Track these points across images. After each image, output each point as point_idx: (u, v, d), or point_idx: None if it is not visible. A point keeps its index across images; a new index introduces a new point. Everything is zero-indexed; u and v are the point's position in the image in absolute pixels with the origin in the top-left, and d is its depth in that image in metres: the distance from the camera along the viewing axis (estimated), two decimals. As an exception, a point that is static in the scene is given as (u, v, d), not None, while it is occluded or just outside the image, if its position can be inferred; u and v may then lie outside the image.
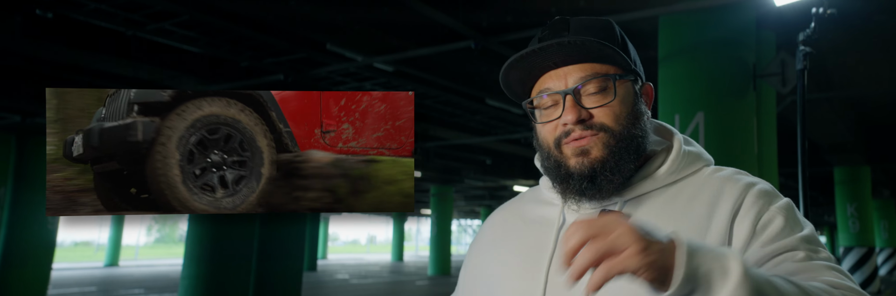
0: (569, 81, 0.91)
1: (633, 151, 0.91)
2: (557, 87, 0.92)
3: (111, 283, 16.03)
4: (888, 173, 14.78)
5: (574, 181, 0.91)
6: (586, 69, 0.91)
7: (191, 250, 7.80)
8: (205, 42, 5.89)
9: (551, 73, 0.93)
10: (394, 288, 15.32)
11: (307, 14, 5.31)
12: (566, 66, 0.92)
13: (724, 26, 4.58)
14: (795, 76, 2.67)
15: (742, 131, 4.49)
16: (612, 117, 0.90)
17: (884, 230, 15.90)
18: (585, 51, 0.90)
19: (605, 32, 0.95)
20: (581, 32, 0.93)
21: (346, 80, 7.20)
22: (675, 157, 0.95)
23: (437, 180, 18.16)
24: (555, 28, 0.96)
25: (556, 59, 0.92)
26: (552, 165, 0.94)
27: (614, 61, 0.92)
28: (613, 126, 0.90)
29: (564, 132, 0.91)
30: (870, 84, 8.07)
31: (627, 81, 0.94)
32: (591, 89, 0.91)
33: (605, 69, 0.92)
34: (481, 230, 1.13)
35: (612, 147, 0.90)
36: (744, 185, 0.91)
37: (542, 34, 0.96)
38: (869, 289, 12.15)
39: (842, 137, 10.78)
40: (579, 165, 0.90)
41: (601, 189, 0.90)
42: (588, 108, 0.90)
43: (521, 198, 1.11)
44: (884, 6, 5.39)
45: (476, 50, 5.46)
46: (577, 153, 0.91)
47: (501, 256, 1.00)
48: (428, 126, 9.93)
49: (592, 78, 0.91)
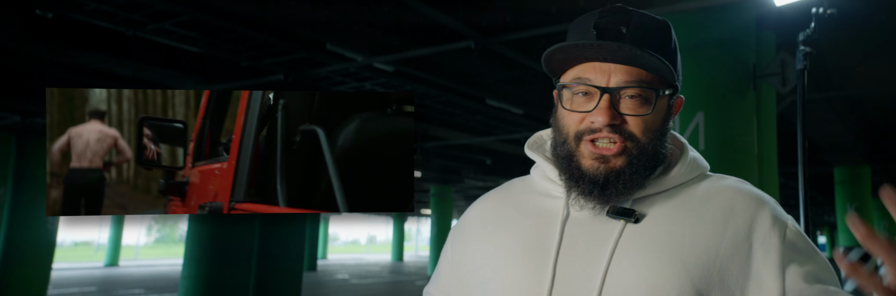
0: (612, 79, 0.88)
1: (650, 165, 0.90)
2: (598, 81, 0.89)
3: (111, 283, 16.03)
4: (888, 173, 14.78)
5: (585, 183, 0.89)
6: (633, 74, 0.88)
7: (191, 250, 7.80)
8: (205, 42, 5.89)
9: (596, 64, 0.90)
10: (394, 288, 15.32)
11: (307, 14, 5.30)
12: (614, 64, 0.89)
13: (724, 26, 4.58)
14: (795, 76, 2.67)
15: (742, 131, 4.49)
16: (643, 129, 0.89)
17: (884, 230, 15.90)
18: (645, 62, 0.87)
19: (661, 38, 0.92)
20: (640, 31, 0.90)
21: (346, 80, 7.19)
22: (686, 161, 0.95)
23: (437, 180, 18.17)
24: (615, 19, 0.90)
25: (609, 56, 0.88)
26: (564, 153, 0.92)
27: (662, 74, 0.90)
28: (641, 138, 0.89)
29: (590, 129, 0.89)
30: (870, 84, 8.07)
31: (666, 96, 0.92)
32: (630, 93, 0.88)
33: (650, 79, 0.89)
34: (466, 218, 1.08)
35: (632, 159, 0.89)
36: (756, 198, 0.93)
37: (599, 20, 0.90)
38: (869, 289, 12.16)
39: (842, 137, 10.78)
40: (594, 170, 0.89)
41: (609, 197, 0.89)
42: (622, 113, 0.88)
43: (510, 188, 1.08)
44: (884, 6, 5.39)
45: (476, 50, 5.46)
46: (596, 157, 0.89)
47: (496, 245, 0.96)
48: (428, 126, 9.92)
49: (636, 85, 0.88)
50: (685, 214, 0.90)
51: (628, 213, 0.90)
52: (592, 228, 0.91)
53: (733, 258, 0.86)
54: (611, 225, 0.90)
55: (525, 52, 6.10)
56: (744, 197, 0.92)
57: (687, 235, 0.87)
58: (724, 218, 0.89)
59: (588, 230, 0.91)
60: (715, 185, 0.95)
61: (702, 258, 0.85)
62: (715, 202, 0.91)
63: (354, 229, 77.60)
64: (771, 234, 0.88)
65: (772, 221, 0.89)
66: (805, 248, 0.90)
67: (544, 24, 5.15)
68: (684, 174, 0.95)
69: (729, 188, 0.94)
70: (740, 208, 0.90)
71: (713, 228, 0.88)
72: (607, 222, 0.91)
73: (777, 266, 0.86)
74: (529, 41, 5.81)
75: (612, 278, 0.85)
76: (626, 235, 0.88)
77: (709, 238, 0.87)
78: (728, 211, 0.90)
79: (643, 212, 0.91)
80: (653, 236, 0.88)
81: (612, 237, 0.88)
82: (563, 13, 5.08)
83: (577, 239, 0.90)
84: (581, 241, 0.90)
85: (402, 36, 5.89)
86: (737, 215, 0.89)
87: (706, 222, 0.89)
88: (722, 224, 0.88)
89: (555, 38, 5.80)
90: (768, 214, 0.90)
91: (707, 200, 0.92)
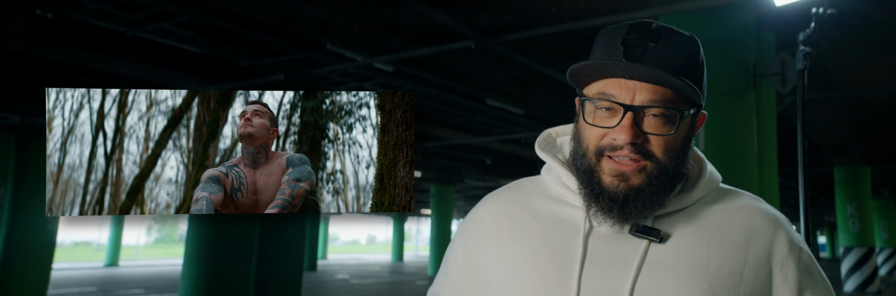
0: (636, 97, 0.87)
1: (671, 184, 0.90)
2: (622, 98, 0.87)
3: (111, 283, 16.03)
4: (888, 173, 14.78)
5: (604, 200, 0.89)
6: (658, 93, 0.87)
7: (191, 250, 7.80)
8: (205, 42, 5.89)
9: (622, 80, 0.88)
10: (394, 288, 15.32)
11: (307, 14, 5.30)
12: (640, 82, 0.87)
13: (724, 26, 4.58)
14: (795, 76, 2.67)
15: (742, 131, 4.49)
16: (665, 149, 0.88)
17: (884, 230, 15.89)
18: (667, 81, 0.86)
19: (689, 57, 0.90)
20: (668, 50, 0.88)
21: (346, 80, 7.19)
22: (704, 179, 0.96)
23: (437, 180, 18.16)
24: (642, 36, 0.88)
25: (636, 75, 0.87)
26: (584, 168, 0.91)
27: (687, 95, 0.88)
28: (662, 158, 0.88)
29: (612, 146, 0.88)
30: (870, 84, 8.08)
31: (690, 116, 0.91)
32: (654, 112, 0.87)
33: (675, 98, 0.88)
34: (478, 219, 1.05)
35: (653, 179, 0.88)
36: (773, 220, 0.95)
37: (627, 36, 0.88)
38: (869, 289, 12.16)
39: (842, 137, 10.79)
40: (614, 188, 0.88)
41: (628, 216, 0.88)
42: (645, 132, 0.87)
43: (522, 190, 1.05)
44: (884, 6, 5.39)
45: (476, 50, 5.46)
46: (616, 174, 0.88)
47: (516, 254, 0.95)
48: (428, 126, 9.92)
49: (661, 106, 0.87)
50: (708, 234, 0.91)
51: (653, 232, 0.89)
52: (616, 244, 0.91)
53: (755, 283, 0.88)
54: (635, 243, 0.90)
55: (525, 53, 6.10)
56: (762, 219, 0.94)
57: (712, 257, 0.88)
58: (746, 241, 0.91)
59: (612, 246, 0.91)
60: (733, 204, 0.96)
61: (728, 282, 0.87)
62: (735, 224, 0.93)
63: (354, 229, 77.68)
64: (788, 259, 0.91)
65: (789, 246, 0.92)
66: (816, 273, 0.94)
67: (544, 24, 5.15)
68: (703, 190, 0.96)
69: (747, 208, 0.96)
70: (760, 231, 0.93)
71: (736, 251, 0.90)
72: (631, 240, 0.90)
73: (794, 292, 0.91)
74: (529, 41, 5.81)
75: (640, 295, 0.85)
76: (651, 254, 0.89)
77: (733, 262, 0.88)
78: (748, 233, 0.92)
79: (667, 231, 0.91)
80: (678, 257, 0.88)
81: (637, 255, 0.88)
82: (563, 13, 5.08)
83: (601, 255, 0.90)
84: (605, 257, 0.90)
85: (402, 36, 5.89)
86: (757, 238, 0.92)
87: (729, 244, 0.90)
88: (744, 247, 0.90)
89: (555, 38, 5.80)
90: (785, 239, 0.93)
91: (727, 220, 0.93)
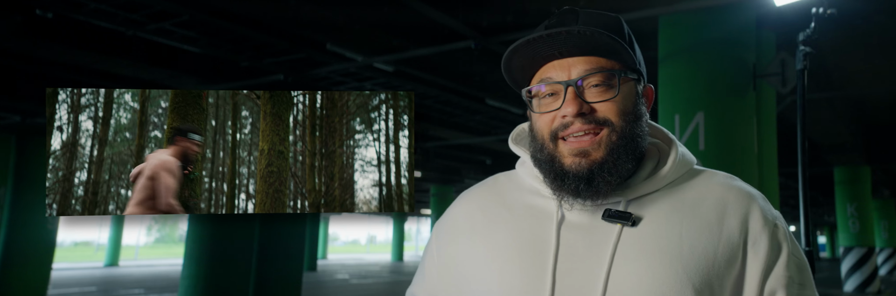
0: (572, 72, 0.89)
1: (632, 151, 0.89)
2: (559, 77, 0.89)
3: (111, 283, 16.02)
4: (888, 173, 14.78)
5: (570, 181, 0.88)
6: (592, 62, 0.89)
7: (191, 250, 7.80)
8: (205, 42, 5.89)
9: (555, 62, 0.90)
10: (394, 288, 15.31)
11: (307, 14, 5.30)
12: (571, 58, 0.89)
13: (724, 26, 4.58)
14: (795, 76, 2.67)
15: (742, 131, 4.49)
16: (615, 112, 0.88)
17: (884, 230, 15.89)
18: (594, 43, 0.87)
19: (614, 29, 0.91)
20: (590, 21, 0.90)
21: (346, 80, 7.19)
22: (676, 158, 0.94)
23: (437, 180, 18.17)
24: (563, 17, 0.92)
25: (562, 48, 0.88)
26: (545, 157, 0.91)
27: (621, 58, 0.90)
28: (616, 122, 0.88)
29: (563, 124, 0.88)
30: (870, 84, 8.08)
31: (631, 80, 0.91)
32: (593, 82, 0.88)
33: (610, 64, 0.89)
34: (452, 216, 1.05)
35: (612, 145, 0.87)
36: (746, 196, 0.93)
37: (549, 22, 0.92)
38: (869, 289, 12.16)
39: (842, 137, 10.78)
40: (576, 166, 0.87)
41: (598, 191, 0.87)
42: (589, 102, 0.88)
43: (496, 184, 1.05)
44: (884, 6, 5.39)
45: (476, 50, 5.46)
46: (575, 153, 0.88)
47: (489, 248, 0.94)
48: (428, 126, 9.92)
49: (597, 71, 0.88)
50: (681, 215, 0.89)
51: (624, 216, 0.88)
52: (589, 232, 0.89)
53: (730, 262, 0.87)
54: (608, 229, 0.89)
55: (525, 52, 6.09)
56: (735, 196, 0.92)
57: (685, 238, 0.87)
58: (719, 219, 0.89)
59: (585, 234, 0.89)
60: (706, 183, 0.94)
61: (701, 264, 0.85)
62: (708, 203, 0.91)
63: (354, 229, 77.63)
64: (762, 235, 0.89)
65: (762, 221, 0.90)
66: (791, 249, 0.91)
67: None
68: (675, 171, 0.94)
69: (720, 187, 0.94)
70: (732, 208, 0.90)
71: (709, 230, 0.88)
72: (604, 226, 0.89)
73: (761, 270, 0.88)
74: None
75: (614, 285, 0.84)
76: (624, 239, 0.87)
77: (706, 242, 0.87)
78: (721, 212, 0.90)
79: (639, 214, 0.90)
80: (651, 240, 0.87)
81: (610, 242, 0.87)
82: (563, 13, 5.07)
83: (575, 244, 0.89)
84: (579, 246, 0.89)
85: (402, 36, 5.89)
86: (730, 216, 0.89)
87: (702, 224, 0.88)
88: (717, 226, 0.88)
89: (555, 38, 5.79)
90: (759, 215, 0.90)
91: (700, 200, 0.91)
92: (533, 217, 0.94)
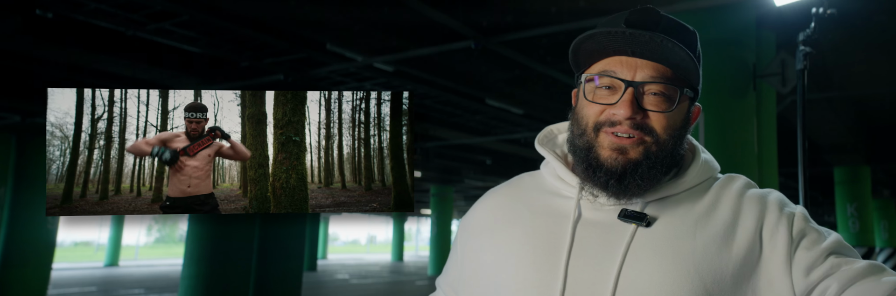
0: (638, 74, 0.88)
1: (667, 164, 0.90)
2: (624, 74, 0.89)
3: (111, 283, 16.02)
4: (888, 173, 14.78)
5: (602, 174, 0.89)
6: (660, 70, 0.89)
7: (191, 250, 7.80)
8: (205, 42, 5.89)
9: (623, 58, 0.90)
10: (394, 288, 15.31)
11: (307, 14, 5.30)
12: (641, 59, 0.89)
13: (724, 26, 4.57)
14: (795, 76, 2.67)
15: (742, 131, 4.49)
16: (663, 126, 0.89)
17: (884, 230, 15.89)
18: (669, 54, 0.87)
19: (690, 45, 0.91)
20: (671, 27, 0.90)
21: (346, 80, 7.19)
22: (698, 164, 0.95)
23: (437, 180, 18.16)
24: (645, 18, 0.90)
25: (638, 48, 0.88)
26: (583, 144, 0.91)
27: (687, 75, 0.90)
28: (661, 135, 0.88)
29: (611, 121, 0.89)
30: (870, 84, 8.07)
31: (688, 99, 0.92)
32: (654, 90, 0.88)
33: (675, 78, 0.90)
34: (477, 213, 1.07)
35: (651, 154, 0.88)
36: (761, 196, 0.93)
37: (630, 18, 0.90)
38: (869, 289, 12.14)
39: (842, 137, 10.78)
40: (612, 161, 0.88)
41: (626, 190, 0.88)
42: (645, 108, 0.88)
43: (520, 184, 1.07)
44: (884, 6, 5.39)
45: (476, 50, 5.46)
46: (614, 148, 0.88)
47: (506, 244, 0.96)
48: (428, 126, 9.92)
49: (662, 81, 0.88)
50: (696, 218, 0.90)
51: (639, 216, 0.89)
52: (604, 230, 0.91)
53: (745, 260, 0.86)
54: (622, 228, 0.90)
55: (525, 53, 6.10)
56: (750, 198, 0.93)
57: (698, 239, 0.87)
58: (734, 221, 0.89)
59: (600, 233, 0.91)
60: (725, 188, 0.96)
61: (715, 264, 0.85)
62: (724, 205, 0.92)
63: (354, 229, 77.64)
64: (777, 227, 0.89)
65: (777, 215, 0.90)
66: (813, 231, 0.89)
67: (544, 24, 5.15)
68: (696, 177, 0.95)
69: (738, 190, 0.95)
70: (747, 209, 0.91)
71: (724, 231, 0.88)
72: (619, 225, 0.90)
73: (784, 259, 0.86)
74: (529, 41, 5.81)
75: (625, 282, 0.85)
76: (638, 238, 0.88)
77: (720, 242, 0.87)
78: (736, 213, 0.90)
79: (654, 216, 0.91)
80: (664, 241, 0.88)
81: (624, 241, 0.88)
82: (563, 13, 5.08)
83: (589, 241, 0.90)
84: (592, 243, 0.90)
85: (402, 36, 5.89)
86: (745, 217, 0.90)
87: (717, 225, 0.89)
88: (732, 227, 0.89)
89: (555, 38, 5.79)
90: (774, 209, 0.91)
91: (717, 203, 0.92)
92: (550, 215, 0.96)
